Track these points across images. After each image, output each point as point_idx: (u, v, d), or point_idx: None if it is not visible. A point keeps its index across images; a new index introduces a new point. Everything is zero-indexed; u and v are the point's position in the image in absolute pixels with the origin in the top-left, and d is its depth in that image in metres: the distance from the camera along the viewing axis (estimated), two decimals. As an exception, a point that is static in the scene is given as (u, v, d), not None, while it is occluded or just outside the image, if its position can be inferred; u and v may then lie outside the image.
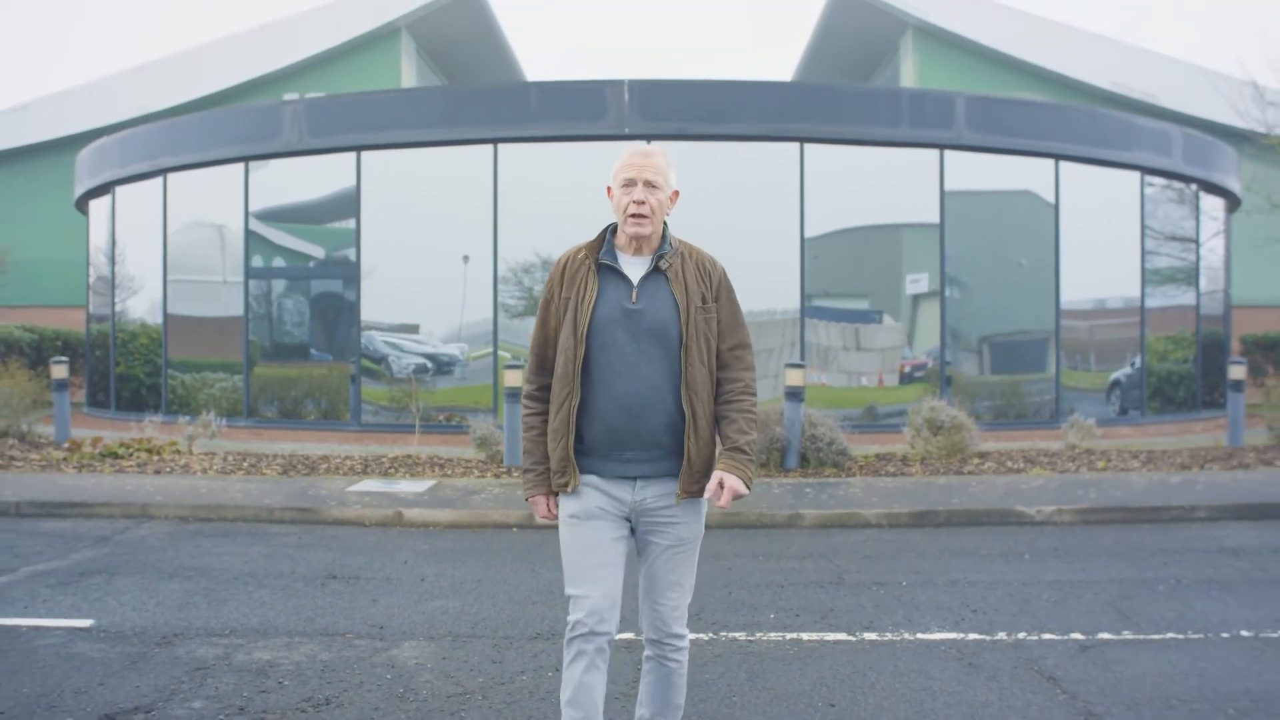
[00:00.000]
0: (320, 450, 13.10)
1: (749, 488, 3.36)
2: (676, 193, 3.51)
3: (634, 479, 3.38)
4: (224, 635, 5.51)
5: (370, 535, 8.41)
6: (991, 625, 5.78)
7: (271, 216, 15.86)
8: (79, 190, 19.44)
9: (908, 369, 15.34)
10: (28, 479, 10.41)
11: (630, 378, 3.32)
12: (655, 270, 3.42)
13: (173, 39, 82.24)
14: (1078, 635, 5.59)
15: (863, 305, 15.37)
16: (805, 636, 5.57)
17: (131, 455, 11.82)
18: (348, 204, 15.16)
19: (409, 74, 28.87)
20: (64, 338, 23.12)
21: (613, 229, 3.52)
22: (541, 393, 3.49)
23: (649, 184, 3.38)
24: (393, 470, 11.08)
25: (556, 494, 3.46)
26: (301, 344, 15.96)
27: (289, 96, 28.19)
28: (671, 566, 3.44)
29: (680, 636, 3.47)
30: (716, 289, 3.48)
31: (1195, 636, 5.57)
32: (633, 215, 3.37)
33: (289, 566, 7.20)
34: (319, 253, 15.88)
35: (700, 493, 3.41)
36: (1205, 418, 17.48)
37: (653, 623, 3.47)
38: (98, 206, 18.95)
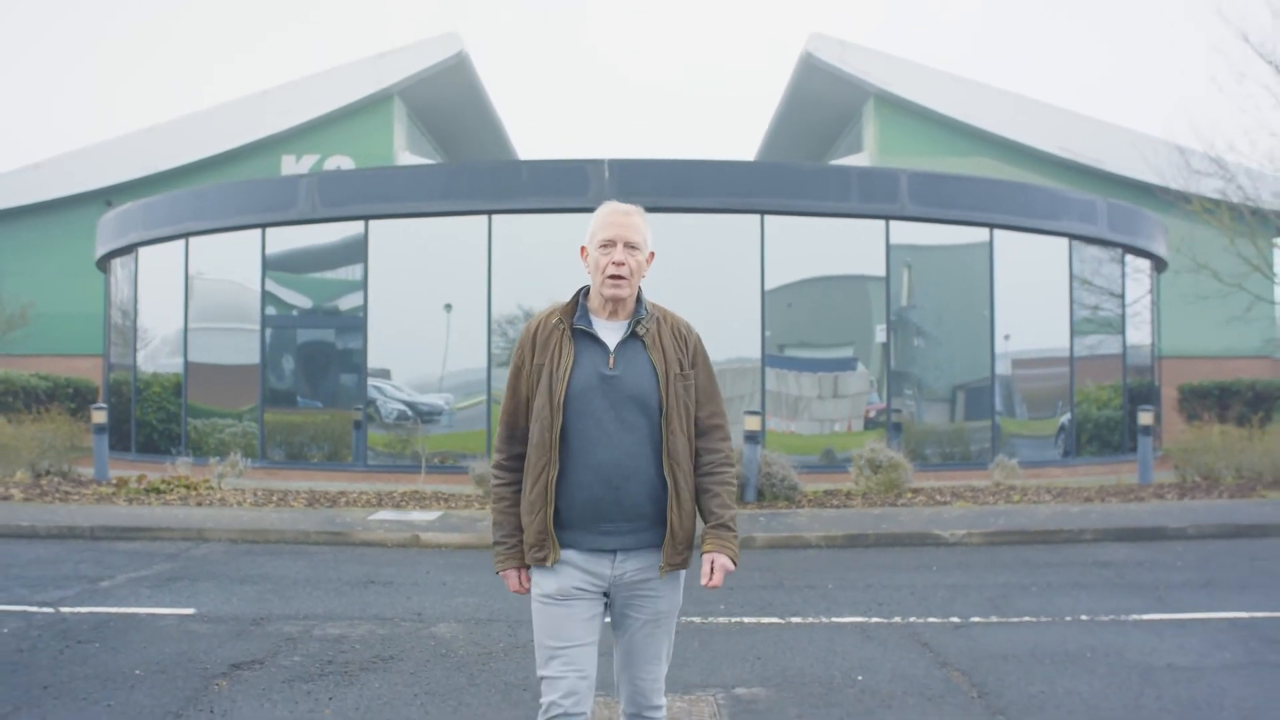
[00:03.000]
0: (334, 487, 14.72)
1: (735, 564, 3.37)
2: (652, 254, 3.44)
3: (613, 552, 3.28)
4: (300, 619, 7.16)
5: (394, 554, 10.07)
6: (890, 613, 7.49)
7: (286, 271, 17.56)
8: (102, 250, 21.08)
9: (873, 414, 17.08)
10: (89, 509, 12.03)
11: (610, 447, 3.23)
12: (632, 335, 3.33)
13: (180, 103, 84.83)
14: (955, 619, 7.31)
15: (839, 353, 17.17)
16: (746, 620, 7.26)
17: (173, 490, 13.44)
18: (357, 268, 16.88)
19: (401, 137, 30.66)
20: (74, 385, 24.65)
21: (585, 291, 3.43)
22: (512, 462, 3.39)
23: (629, 245, 3.32)
24: (404, 503, 12.75)
25: (529, 567, 3.38)
26: (312, 392, 17.60)
27: (287, 158, 30.07)
28: (651, 640, 3.36)
29: (659, 707, 3.40)
30: (694, 355, 3.41)
31: (1045, 620, 7.29)
32: (611, 277, 3.28)
33: (334, 575, 8.87)
34: (330, 310, 17.55)
35: (683, 564, 3.35)
36: (1132, 459, 19.24)
37: (631, 697, 3.39)
38: (120, 265, 20.58)
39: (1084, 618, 7.33)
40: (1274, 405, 23.62)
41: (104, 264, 21.62)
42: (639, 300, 3.40)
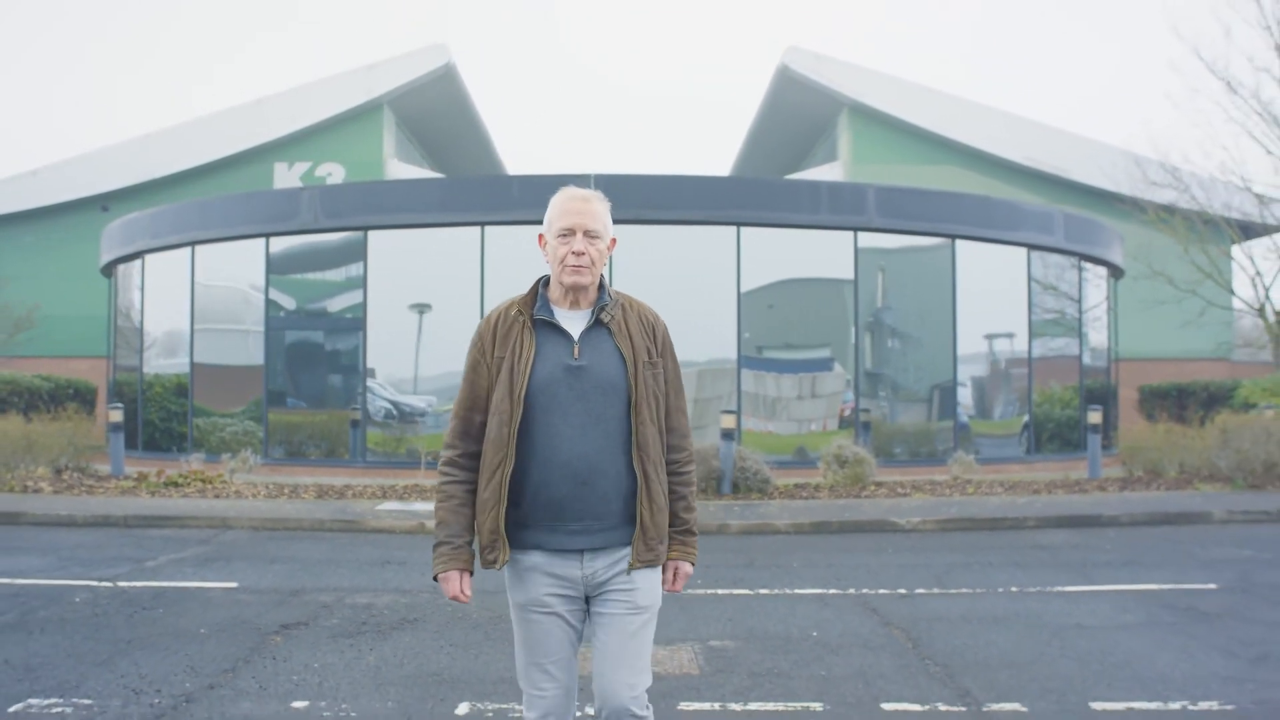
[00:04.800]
0: (337, 482, 15.72)
1: (693, 566, 3.37)
2: (614, 240, 3.29)
3: (580, 551, 3.15)
4: (331, 591, 8.20)
5: (402, 539, 11.11)
6: (846, 585, 8.58)
7: (288, 278, 18.56)
8: (108, 256, 22.01)
9: (847, 413, 18.19)
10: (117, 501, 13.03)
11: (578, 441, 3.10)
12: (597, 323, 3.21)
13: (178, 102, 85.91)
14: (902, 590, 8.40)
15: (814, 354, 18.29)
16: (720, 591, 8.33)
17: (190, 484, 14.43)
18: (357, 275, 17.90)
19: (390, 145, 31.66)
20: (75, 386, 25.50)
21: (545, 281, 3.31)
22: (464, 459, 3.25)
23: (589, 234, 3.18)
24: (406, 495, 13.79)
25: (472, 572, 3.28)
26: (310, 392, 18.61)
27: (280, 165, 31.00)
28: (626, 638, 3.19)
29: (641, 718, 3.19)
30: (662, 344, 3.29)
31: (980, 591, 8.39)
32: (572, 266, 3.16)
33: (352, 556, 9.91)
34: (330, 315, 18.56)
35: (655, 561, 3.22)
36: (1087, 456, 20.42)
37: (607, 701, 3.18)
38: (126, 270, 21.52)
39: (1014, 589, 8.44)
40: (1225, 405, 24.85)
41: (109, 270, 22.53)
42: (601, 288, 3.27)
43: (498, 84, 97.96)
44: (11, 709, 5.14)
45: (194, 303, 19.36)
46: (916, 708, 5.30)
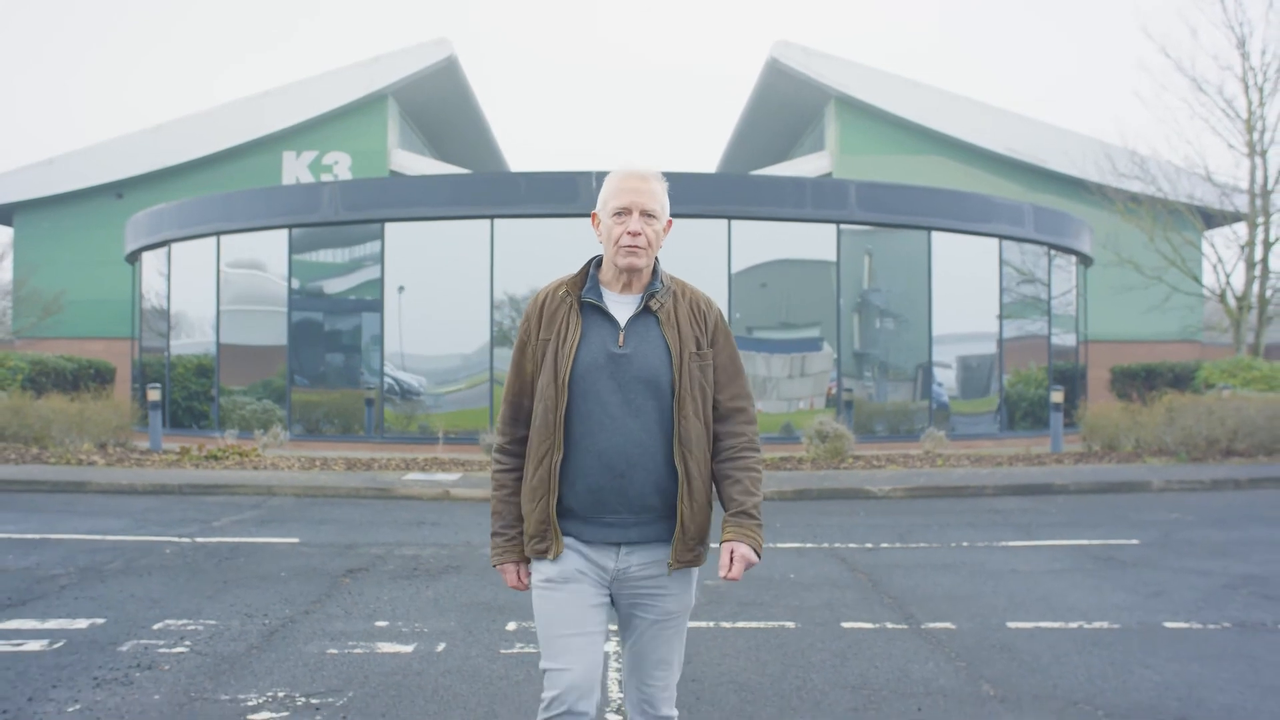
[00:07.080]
0: (361, 456, 17.09)
1: (759, 555, 3.11)
2: (670, 222, 3.19)
3: (617, 545, 3.06)
4: (380, 545, 9.58)
5: (430, 504, 12.50)
6: (820, 540, 9.99)
7: (309, 265, 19.89)
8: (133, 245, 23.29)
9: (834, 391, 19.59)
10: (167, 473, 14.39)
11: (615, 432, 3.01)
12: (645, 310, 3.10)
13: (192, 93, 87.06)
14: (869, 544, 9.81)
15: (802, 334, 19.70)
16: (713, 545, 9.66)
17: (229, 457, 15.79)
18: (374, 263, 19.24)
19: (394, 135, 32.89)
20: (95, 366, 26.76)
21: (597, 262, 3.20)
22: (515, 446, 3.18)
23: (646, 213, 3.06)
24: (428, 467, 15.17)
25: (529, 560, 3.16)
26: (330, 373, 19.97)
27: (288, 154, 32.22)
28: (659, 643, 3.14)
29: (669, 718, 3.18)
30: (713, 333, 3.16)
31: (936, 545, 9.80)
32: (626, 246, 3.04)
33: (390, 518, 11.29)
34: (348, 300, 19.90)
35: (694, 562, 3.12)
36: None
37: (639, 705, 3.17)
38: (152, 258, 22.81)
39: (965, 544, 9.85)
40: (1189, 385, 26.29)
41: (134, 257, 23.81)
42: (654, 272, 3.16)
43: (495, 72, 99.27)
44: (154, 626, 6.50)
45: (219, 288, 20.68)
46: (869, 625, 6.70)
